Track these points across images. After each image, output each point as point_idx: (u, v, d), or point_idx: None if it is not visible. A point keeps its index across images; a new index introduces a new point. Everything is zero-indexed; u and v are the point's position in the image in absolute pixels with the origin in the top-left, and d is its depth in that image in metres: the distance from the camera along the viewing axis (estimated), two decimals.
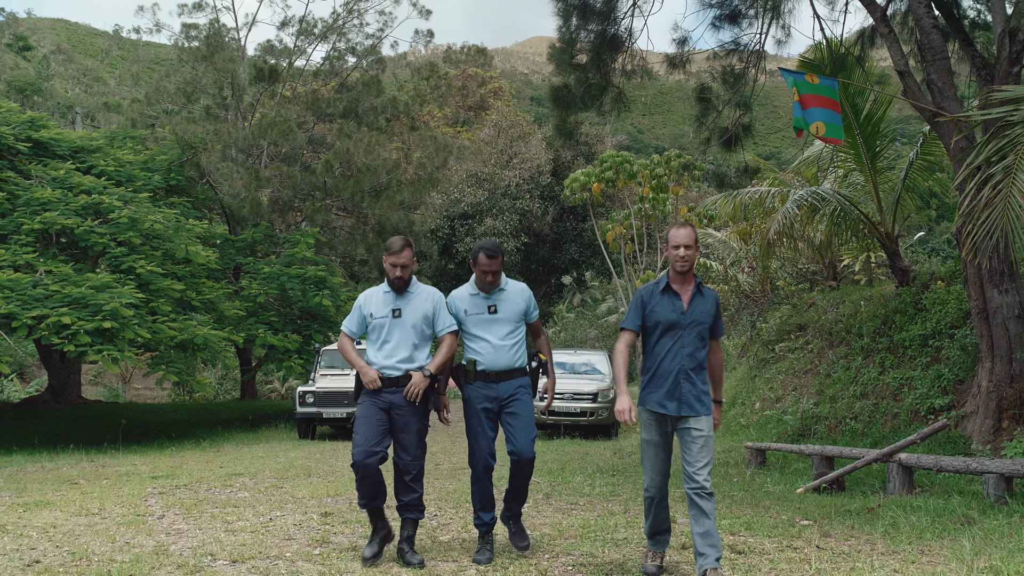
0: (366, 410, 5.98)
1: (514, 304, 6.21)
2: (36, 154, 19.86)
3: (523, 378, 6.16)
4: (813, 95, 9.52)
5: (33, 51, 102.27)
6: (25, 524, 7.17)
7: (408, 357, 6.04)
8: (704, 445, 5.37)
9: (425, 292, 6.23)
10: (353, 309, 6.29)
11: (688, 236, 5.50)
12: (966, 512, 7.09)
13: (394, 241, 6.08)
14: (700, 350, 5.51)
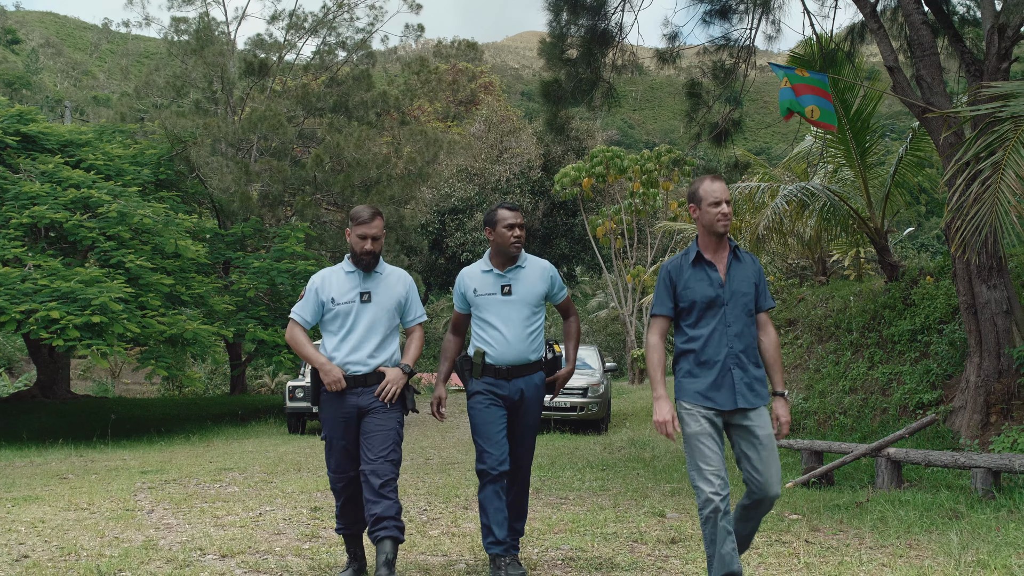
0: (335, 426, 5.14)
1: (532, 285, 5.40)
2: (25, 148, 19.79)
3: (537, 375, 5.41)
4: (805, 84, 9.55)
5: (22, 44, 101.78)
6: (14, 519, 7.16)
7: (379, 350, 5.18)
8: (770, 442, 4.52)
9: (396, 273, 5.38)
10: (306, 293, 5.32)
11: (726, 190, 4.64)
12: (954, 506, 7.12)
13: (362, 210, 5.20)
14: (749, 327, 4.62)
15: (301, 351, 5.27)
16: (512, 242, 5.35)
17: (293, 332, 5.29)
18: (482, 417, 5.28)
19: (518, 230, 5.37)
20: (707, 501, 4.37)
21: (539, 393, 5.43)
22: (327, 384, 5.09)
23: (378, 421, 5.10)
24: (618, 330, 42.86)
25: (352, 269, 5.27)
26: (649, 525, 6.77)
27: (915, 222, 39.67)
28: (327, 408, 5.18)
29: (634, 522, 6.88)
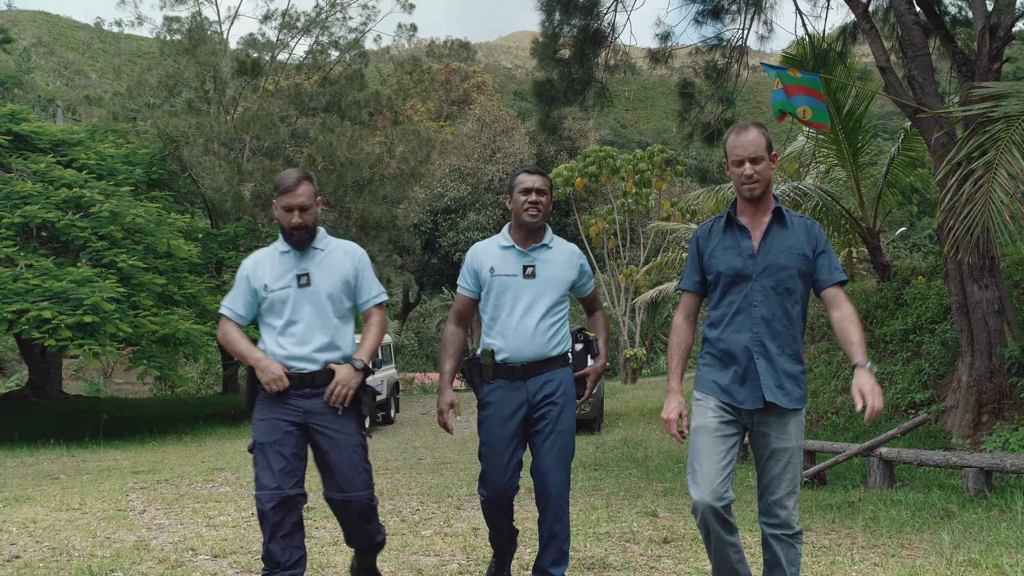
0: (269, 429, 4.24)
1: (559, 270, 4.59)
2: (17, 147, 19.74)
3: (562, 370, 4.56)
4: (797, 85, 9.57)
5: (14, 44, 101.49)
6: (5, 519, 7.13)
7: (328, 343, 4.34)
8: (788, 462, 3.78)
9: (341, 248, 4.51)
10: (236, 282, 4.47)
11: (756, 144, 3.75)
12: (946, 506, 7.14)
13: (285, 175, 4.32)
14: (785, 309, 3.77)
15: (234, 349, 4.36)
16: (525, 210, 4.51)
17: (224, 328, 4.42)
18: (491, 433, 4.47)
19: (535, 195, 4.51)
20: (693, 508, 3.76)
21: (567, 391, 4.54)
22: (265, 383, 4.20)
23: (335, 439, 4.28)
24: (611, 330, 42.85)
25: (286, 248, 4.42)
26: (642, 525, 6.77)
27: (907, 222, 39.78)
28: (264, 410, 4.29)
29: (627, 522, 6.88)
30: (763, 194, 3.80)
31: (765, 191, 3.81)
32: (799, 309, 3.80)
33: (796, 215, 3.88)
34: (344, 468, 4.27)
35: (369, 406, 4.40)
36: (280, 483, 4.18)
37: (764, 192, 3.80)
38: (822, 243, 3.82)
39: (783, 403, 3.72)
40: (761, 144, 3.75)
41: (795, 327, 3.79)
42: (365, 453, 4.36)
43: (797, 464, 3.82)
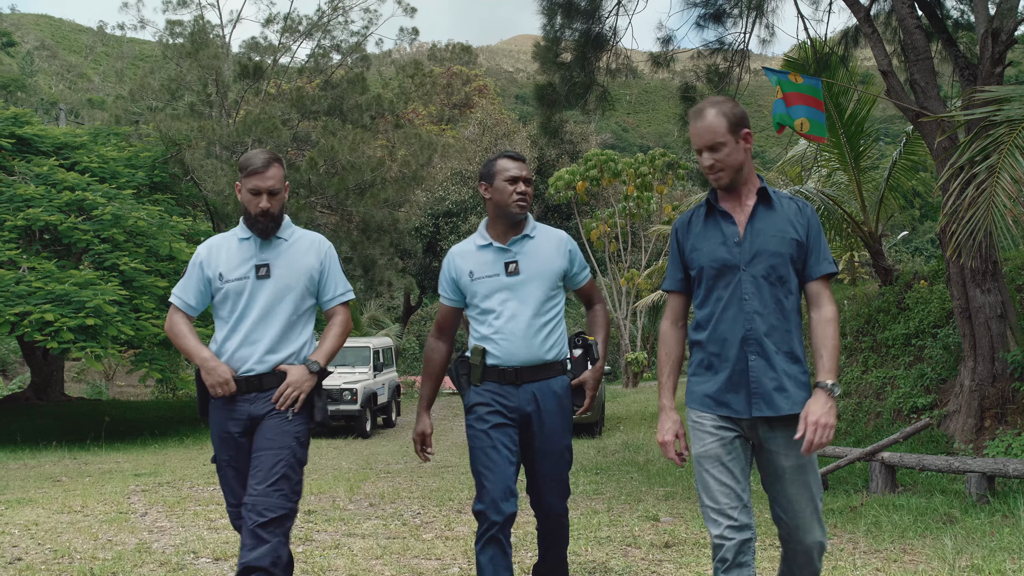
0: (223, 444, 3.92)
1: (546, 260, 4.11)
2: (19, 150, 19.76)
3: (557, 379, 4.10)
4: (797, 93, 9.56)
5: (17, 47, 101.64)
6: (7, 522, 7.14)
7: (281, 343, 3.93)
8: (806, 480, 3.32)
9: (307, 239, 4.11)
10: (188, 270, 4.04)
11: (712, 130, 3.33)
12: (948, 511, 7.13)
13: (253, 156, 3.92)
14: (779, 301, 3.34)
15: (180, 344, 3.96)
16: (514, 200, 4.04)
17: (172, 320, 4.01)
18: (482, 439, 3.97)
19: (523, 185, 4.07)
20: (714, 547, 3.32)
21: (561, 403, 4.09)
22: (210, 386, 3.82)
23: (268, 436, 3.83)
24: (612, 333, 42.85)
25: (247, 235, 4.01)
26: (643, 529, 6.76)
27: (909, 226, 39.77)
28: (216, 419, 3.93)
29: (628, 526, 6.88)
30: (735, 180, 3.39)
31: (737, 177, 3.38)
32: (793, 300, 3.36)
33: (785, 196, 3.47)
34: (265, 470, 3.75)
35: (322, 411, 4.01)
36: (240, 500, 3.87)
37: (736, 178, 3.38)
38: (815, 228, 3.39)
39: (784, 408, 3.27)
40: (719, 129, 3.32)
41: (790, 321, 3.34)
42: (296, 464, 3.83)
43: (815, 475, 3.36)
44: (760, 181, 3.46)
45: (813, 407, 3.17)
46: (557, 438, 4.08)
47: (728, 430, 3.35)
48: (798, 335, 3.38)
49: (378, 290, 32.03)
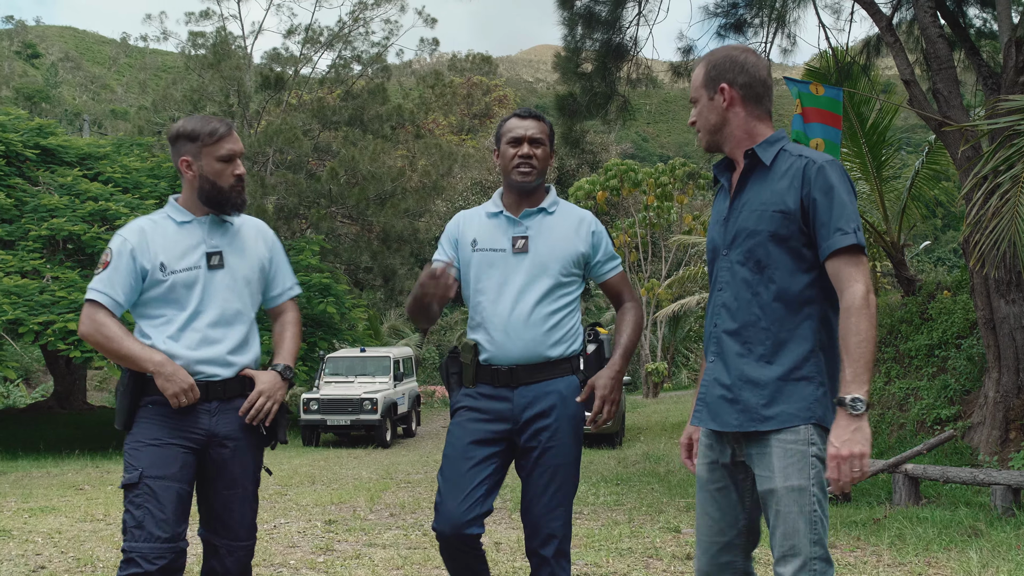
0: (163, 459, 3.19)
1: (561, 241, 3.46)
2: (44, 161, 19.92)
3: (563, 379, 3.43)
4: (816, 109, 9.52)
5: (41, 59, 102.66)
6: (30, 530, 7.18)
7: (243, 343, 3.39)
8: (777, 511, 2.64)
9: (252, 224, 3.56)
10: (114, 259, 3.30)
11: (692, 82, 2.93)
12: (973, 524, 7.06)
13: (207, 120, 3.34)
14: (756, 292, 2.71)
15: (117, 348, 3.22)
16: (515, 166, 3.44)
17: (97, 320, 3.26)
18: (456, 448, 3.39)
19: (528, 147, 3.43)
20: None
21: (567, 409, 3.40)
22: (172, 395, 3.17)
23: (238, 465, 3.34)
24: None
25: (187, 218, 3.38)
26: (664, 541, 6.73)
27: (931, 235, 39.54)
28: (153, 430, 3.23)
29: (649, 537, 6.85)
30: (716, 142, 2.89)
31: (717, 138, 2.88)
32: (776, 289, 2.69)
33: (795, 153, 2.75)
34: (237, 509, 3.34)
35: (285, 430, 3.47)
36: (173, 532, 3.16)
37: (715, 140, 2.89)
38: (821, 190, 2.64)
39: (732, 424, 2.71)
40: (695, 81, 2.89)
41: (776, 316, 2.68)
42: (257, 489, 3.45)
43: (794, 516, 2.61)
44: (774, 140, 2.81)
45: (832, 435, 2.55)
46: (560, 450, 3.38)
47: (714, 449, 2.85)
48: (795, 332, 2.68)
49: (398, 300, 32.07)
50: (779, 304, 2.69)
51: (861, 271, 2.60)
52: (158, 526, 3.12)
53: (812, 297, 2.69)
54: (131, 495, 3.15)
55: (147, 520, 3.11)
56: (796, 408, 2.65)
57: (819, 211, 2.63)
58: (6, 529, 7.15)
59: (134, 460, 3.19)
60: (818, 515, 2.61)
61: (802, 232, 2.67)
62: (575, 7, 12.98)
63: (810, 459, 2.64)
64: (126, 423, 3.27)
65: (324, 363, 19.25)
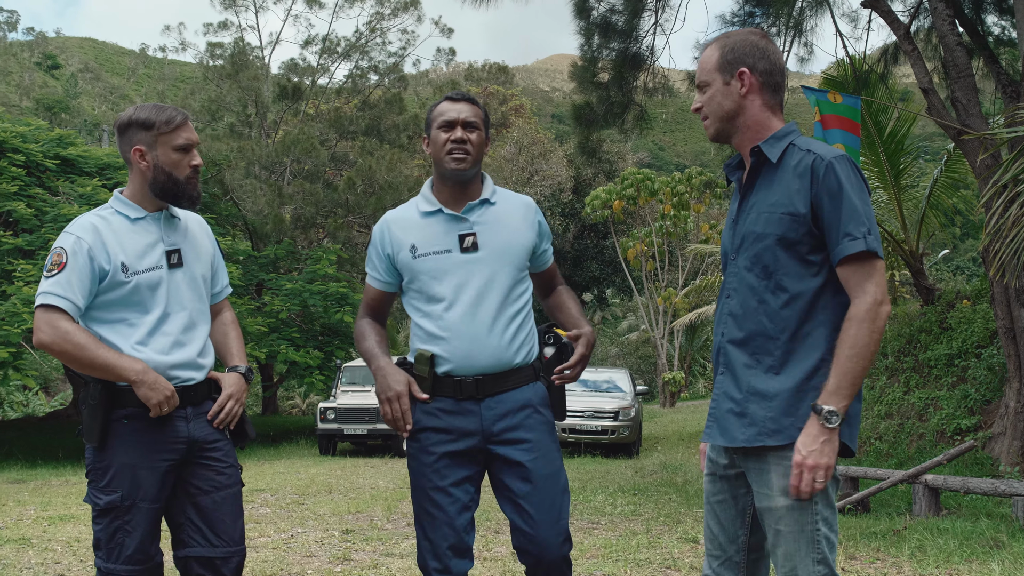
0: (145, 477, 3.06)
1: (512, 232, 3.21)
2: (64, 171, 20.06)
3: (530, 387, 3.19)
4: (834, 116, 9.50)
5: (61, 70, 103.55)
6: (50, 538, 7.20)
7: (208, 345, 3.29)
8: (777, 531, 2.54)
9: (194, 218, 3.40)
10: (68, 259, 3.01)
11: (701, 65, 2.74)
12: (995, 535, 7.00)
13: (159, 109, 3.16)
14: (763, 300, 2.57)
15: (87, 356, 2.96)
16: (448, 151, 3.13)
17: (63, 329, 2.96)
18: (427, 478, 3.13)
19: (460, 130, 3.13)
20: None
21: (542, 417, 3.19)
22: (155, 403, 3.00)
23: (223, 470, 3.22)
24: (649, 353, 42.72)
25: (140, 214, 3.18)
26: (683, 551, 6.70)
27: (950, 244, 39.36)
28: (130, 448, 3.05)
29: (667, 548, 6.82)
30: (726, 133, 2.72)
31: (728, 128, 2.71)
32: (784, 296, 2.54)
33: (806, 147, 2.58)
34: (227, 516, 3.19)
35: (251, 426, 3.37)
36: (148, 552, 3.10)
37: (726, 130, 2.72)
38: (826, 187, 2.48)
39: (739, 439, 2.57)
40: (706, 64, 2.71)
41: (784, 324, 2.54)
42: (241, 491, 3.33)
43: (795, 535, 2.51)
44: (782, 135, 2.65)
45: (799, 441, 2.46)
46: (545, 461, 3.15)
47: (715, 461, 2.76)
48: (804, 341, 2.54)
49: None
50: (787, 312, 2.54)
51: (872, 279, 2.46)
52: (138, 550, 3.05)
53: (823, 304, 2.55)
54: (110, 517, 3.04)
55: (128, 543, 3.04)
56: (794, 423, 2.51)
57: (827, 214, 2.48)
58: (26, 537, 7.18)
59: (112, 481, 3.04)
60: (822, 533, 2.51)
61: (812, 235, 2.52)
62: (592, 17, 13.00)
63: None
64: (100, 439, 3.05)
65: (341, 372, 19.29)
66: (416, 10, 31.25)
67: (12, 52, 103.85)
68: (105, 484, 3.04)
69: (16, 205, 17.38)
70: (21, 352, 16.22)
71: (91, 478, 3.08)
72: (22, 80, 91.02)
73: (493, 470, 3.17)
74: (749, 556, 2.74)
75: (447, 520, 3.08)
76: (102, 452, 3.06)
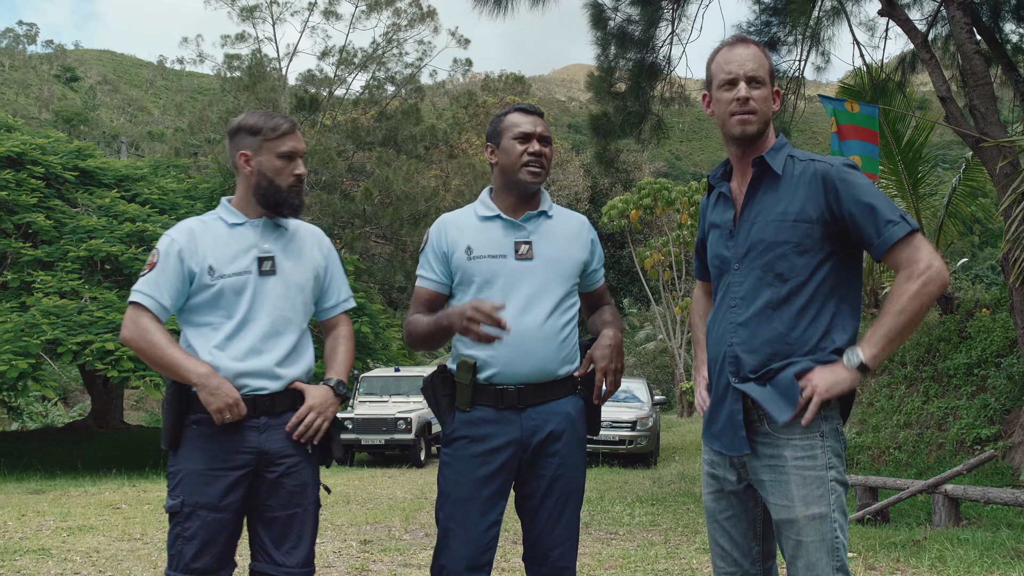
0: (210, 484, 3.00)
1: (566, 245, 3.21)
2: (82, 183, 20.19)
3: (569, 399, 3.15)
4: (851, 126, 9.48)
5: (80, 82, 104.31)
6: (69, 548, 7.23)
7: (294, 354, 3.17)
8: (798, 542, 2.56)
9: (308, 230, 3.34)
10: (160, 261, 3.07)
11: (757, 59, 2.68)
12: (1015, 545, 6.95)
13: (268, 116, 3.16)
14: (779, 307, 2.59)
15: (160, 356, 2.98)
16: (525, 164, 3.13)
17: (140, 326, 3.00)
18: (460, 487, 3.08)
19: (538, 144, 3.15)
20: None
21: (577, 431, 3.17)
22: (216, 410, 2.95)
23: (297, 486, 3.10)
24: (666, 363, 42.63)
25: (239, 220, 3.17)
26: (701, 562, 6.68)
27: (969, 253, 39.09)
28: (198, 455, 3.03)
29: (686, 558, 6.80)
30: (761, 134, 2.69)
31: (765, 131, 2.70)
32: (800, 302, 2.58)
33: (806, 157, 2.67)
34: (294, 536, 3.10)
35: (340, 447, 3.23)
36: (208, 565, 3.01)
37: (762, 132, 2.69)
38: (846, 191, 2.56)
39: (761, 450, 2.62)
40: (764, 63, 2.68)
41: (800, 330, 2.59)
42: (318, 511, 3.21)
43: (816, 545, 2.54)
44: (779, 139, 2.74)
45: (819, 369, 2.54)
46: (571, 477, 3.14)
47: (718, 477, 2.78)
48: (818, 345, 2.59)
49: None
50: (802, 316, 2.58)
51: (924, 249, 2.50)
52: (195, 558, 2.97)
53: (837, 306, 2.62)
54: (174, 522, 3.02)
55: (187, 550, 2.98)
56: (816, 419, 2.57)
57: (858, 213, 2.54)
58: (45, 548, 7.22)
59: (177, 487, 3.02)
60: (840, 541, 2.55)
61: (824, 240, 2.58)
62: (608, 27, 13.01)
63: (829, 484, 2.58)
64: (172, 443, 3.05)
65: (358, 383, 19.31)
66: (433, 21, 31.40)
67: (31, 65, 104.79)
68: (172, 488, 3.02)
69: (35, 217, 17.50)
70: (40, 363, 16.31)
71: (168, 483, 3.07)
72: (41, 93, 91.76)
73: (519, 480, 3.16)
74: (764, 565, 2.77)
75: (474, 536, 3.05)
76: (175, 456, 3.05)
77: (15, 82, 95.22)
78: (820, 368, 2.52)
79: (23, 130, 20.51)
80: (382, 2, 31.12)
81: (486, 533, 3.07)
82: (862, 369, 2.50)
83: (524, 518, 3.17)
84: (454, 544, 3.05)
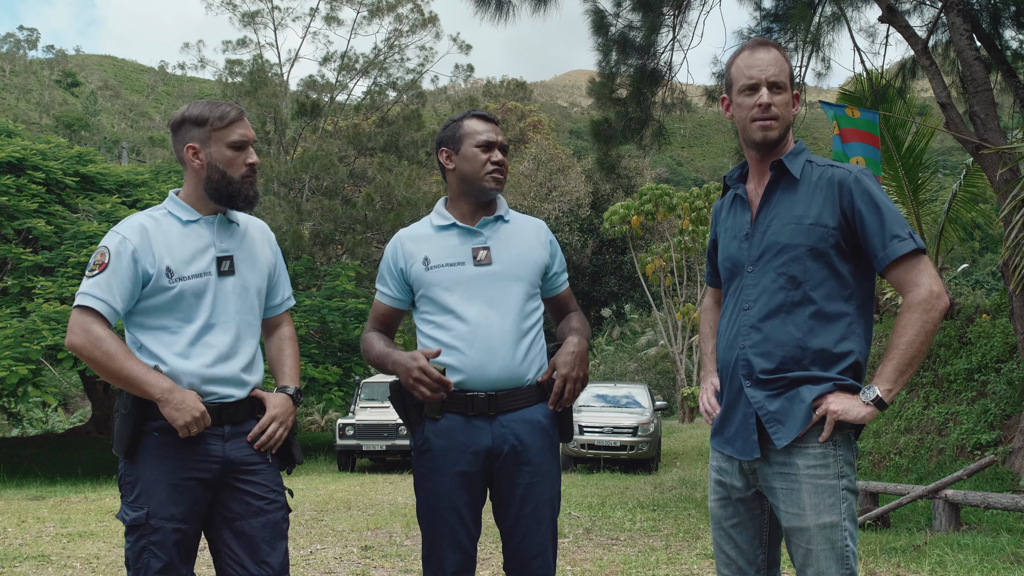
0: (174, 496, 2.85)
1: (524, 248, 3.20)
2: (83, 188, 20.23)
3: (538, 407, 3.12)
4: (853, 130, 9.49)
5: (81, 87, 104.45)
6: (69, 555, 7.24)
7: (254, 359, 3.08)
8: (807, 550, 2.56)
9: (256, 225, 3.20)
10: (112, 262, 2.85)
11: (780, 64, 2.69)
12: (1016, 551, 6.95)
13: (214, 104, 3.01)
14: (792, 311, 2.61)
15: (115, 367, 2.79)
16: (489, 172, 3.14)
17: (92, 331, 2.80)
18: (436, 498, 3.10)
19: (499, 153, 3.16)
20: None
21: (547, 440, 3.13)
22: (182, 424, 2.81)
23: (264, 495, 3.00)
24: (668, 368, 42.62)
25: (194, 217, 2.99)
26: (702, 567, 6.68)
27: (969, 258, 39.13)
28: (159, 465, 2.86)
29: (687, 564, 6.80)
30: (781, 140, 2.70)
31: (785, 136, 2.71)
32: (814, 307, 2.60)
33: (825, 163, 2.69)
34: (266, 543, 2.98)
35: (299, 450, 3.15)
36: (182, 572, 2.90)
37: (783, 137, 2.70)
38: (861, 198, 2.58)
39: (776, 457, 2.61)
40: (786, 68, 2.69)
41: (814, 334, 2.59)
42: (287, 515, 3.10)
43: (826, 553, 2.54)
44: (797, 145, 2.76)
45: (837, 395, 2.56)
46: (545, 484, 3.11)
47: (725, 484, 2.78)
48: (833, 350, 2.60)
49: None
50: (816, 321, 2.59)
51: (926, 272, 2.53)
52: (165, 570, 2.83)
53: (851, 312, 2.62)
54: (136, 535, 2.84)
55: (153, 563, 2.82)
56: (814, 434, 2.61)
57: (867, 222, 2.57)
58: (45, 554, 7.23)
59: (139, 497, 2.85)
60: (850, 549, 2.55)
61: (839, 246, 2.60)
62: (610, 33, 13.03)
63: (841, 492, 2.58)
64: (128, 450, 2.87)
65: (360, 388, 19.32)
66: (434, 27, 31.44)
67: (32, 70, 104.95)
68: (132, 499, 2.86)
69: (36, 222, 17.53)
70: (41, 369, 16.32)
71: (121, 492, 2.92)
72: (42, 98, 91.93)
73: (494, 489, 3.14)
74: (769, 573, 2.79)
75: (456, 542, 3.07)
76: (131, 464, 2.88)
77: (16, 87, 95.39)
78: (839, 393, 2.55)
79: (24, 135, 20.55)
80: (384, 8, 31.17)
81: (467, 539, 3.08)
82: (878, 404, 2.53)
83: (503, 529, 3.14)
84: (438, 553, 3.08)
